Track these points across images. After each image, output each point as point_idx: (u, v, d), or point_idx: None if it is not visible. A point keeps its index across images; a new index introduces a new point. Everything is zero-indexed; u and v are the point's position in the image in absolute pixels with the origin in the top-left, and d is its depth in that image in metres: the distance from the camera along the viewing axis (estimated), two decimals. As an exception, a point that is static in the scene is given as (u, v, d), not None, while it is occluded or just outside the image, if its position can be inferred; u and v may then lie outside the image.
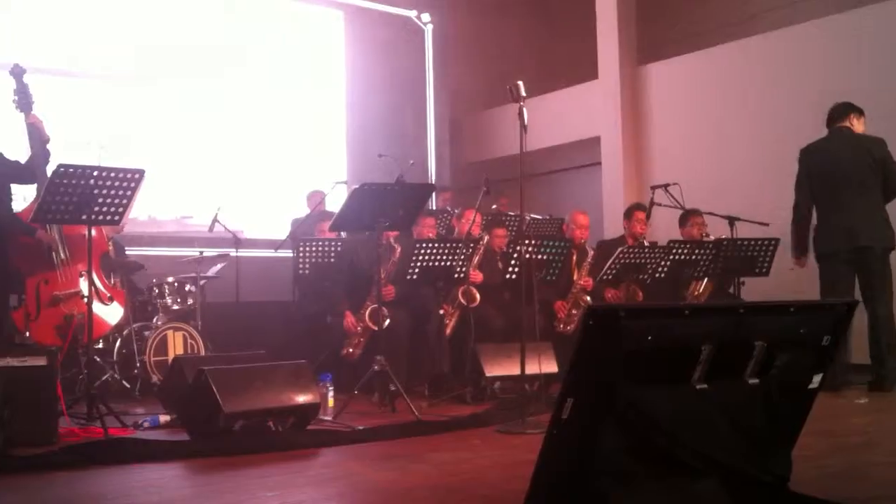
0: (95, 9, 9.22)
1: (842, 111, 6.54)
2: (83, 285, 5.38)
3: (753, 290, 7.25)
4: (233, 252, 8.00)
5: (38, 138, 5.41)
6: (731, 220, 7.35)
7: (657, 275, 7.16)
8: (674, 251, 7.16)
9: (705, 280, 7.42)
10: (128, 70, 9.34)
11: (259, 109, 10.26)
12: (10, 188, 5.54)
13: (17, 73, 5.47)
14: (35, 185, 5.54)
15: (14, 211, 5.56)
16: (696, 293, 7.48)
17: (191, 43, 9.77)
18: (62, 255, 5.46)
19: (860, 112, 6.56)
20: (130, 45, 9.37)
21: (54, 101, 8.44)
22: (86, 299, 5.25)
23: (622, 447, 2.66)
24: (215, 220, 8.16)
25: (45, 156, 5.44)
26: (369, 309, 6.43)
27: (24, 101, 5.44)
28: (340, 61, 11.12)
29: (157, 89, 9.50)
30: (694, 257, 7.17)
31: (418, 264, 6.31)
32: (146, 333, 6.78)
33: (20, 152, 5.55)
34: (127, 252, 7.51)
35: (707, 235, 7.51)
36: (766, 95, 8.93)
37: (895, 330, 6.28)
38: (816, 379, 2.99)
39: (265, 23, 10.49)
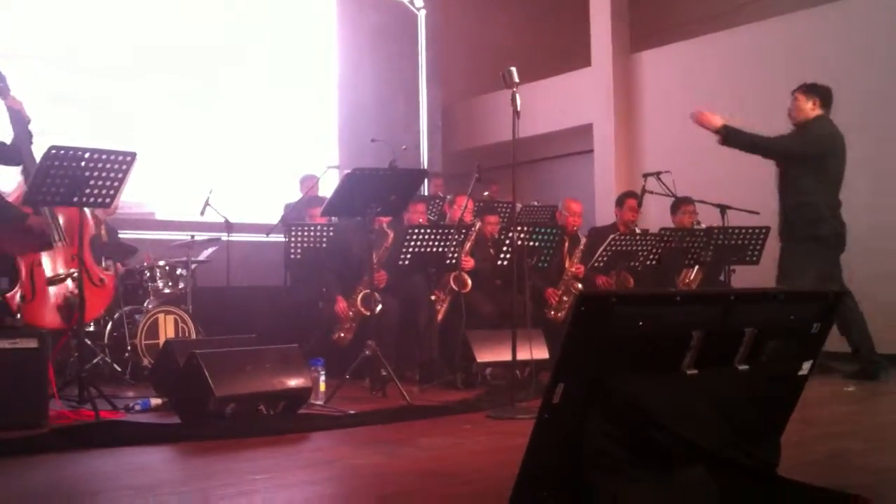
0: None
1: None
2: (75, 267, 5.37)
3: (744, 278, 7.27)
4: (224, 236, 7.98)
5: (19, 120, 5.36)
6: (723, 209, 7.37)
7: (648, 262, 7.19)
8: (665, 239, 7.19)
9: (696, 268, 7.45)
10: (123, 57, 9.27)
11: (251, 94, 10.22)
12: None
13: None
14: (20, 169, 5.49)
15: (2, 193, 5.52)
16: (687, 281, 7.50)
17: (182, 30, 9.72)
18: (56, 237, 5.44)
19: None
20: (126, 35, 9.30)
21: (48, 93, 8.44)
22: (70, 281, 5.25)
23: (611, 433, 2.67)
24: (207, 204, 8.15)
25: (28, 137, 5.39)
26: (361, 294, 6.43)
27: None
28: (333, 46, 11.09)
29: (151, 74, 9.45)
30: (685, 245, 7.21)
31: (410, 250, 6.32)
32: (137, 317, 6.77)
33: (2, 135, 5.51)
34: (119, 235, 7.48)
35: (698, 223, 7.54)
36: (759, 84, 8.94)
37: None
38: (806, 366, 3.00)
39: (257, 8, 10.44)
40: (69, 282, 5.39)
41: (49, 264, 5.42)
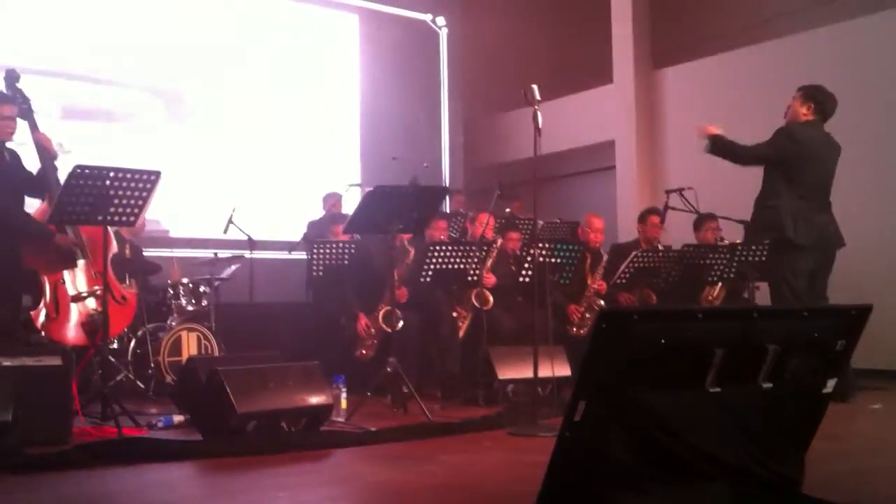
0: (106, 12, 9.26)
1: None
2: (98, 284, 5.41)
3: (768, 295, 7.20)
4: (247, 253, 8.02)
5: (46, 155, 5.40)
6: (746, 225, 7.32)
7: (671, 279, 7.14)
8: (688, 256, 7.14)
9: (719, 285, 7.39)
10: (144, 70, 9.36)
11: (274, 112, 10.29)
12: (23, 195, 5.55)
13: (11, 78, 5.38)
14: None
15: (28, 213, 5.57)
16: (711, 298, 7.45)
17: (205, 45, 9.81)
18: (80, 256, 5.48)
19: None
20: (145, 45, 9.40)
21: (67, 105, 8.52)
22: (90, 298, 5.30)
23: (633, 450, 2.66)
24: (230, 222, 8.20)
25: (55, 173, 5.40)
26: (382, 311, 6.43)
27: (21, 107, 5.35)
28: (355, 64, 11.16)
29: (173, 92, 9.53)
30: (708, 262, 7.15)
31: (431, 267, 6.32)
32: (160, 334, 6.80)
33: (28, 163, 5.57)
34: (143, 253, 7.53)
35: (722, 240, 7.49)
36: (781, 100, 8.86)
37: None
38: (830, 383, 2.98)
39: (280, 25, 10.52)
40: (92, 299, 5.43)
41: (72, 282, 5.46)
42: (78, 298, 5.42)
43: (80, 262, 5.48)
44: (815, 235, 6.06)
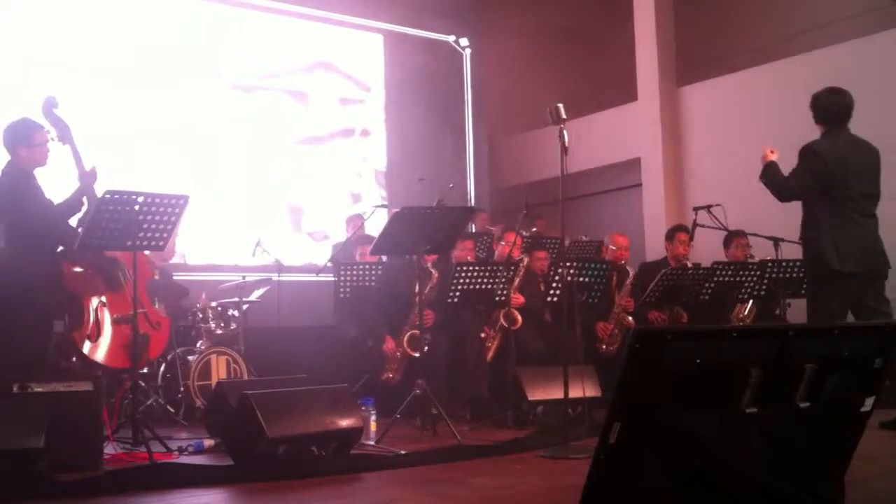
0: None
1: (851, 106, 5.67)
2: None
3: (799, 312, 7.12)
4: (275, 276, 8.04)
5: (90, 187, 5.39)
6: (776, 241, 7.26)
7: (701, 297, 7.08)
8: (718, 273, 7.08)
9: (750, 302, 7.32)
10: (164, 81, 9.43)
11: (298, 132, 10.34)
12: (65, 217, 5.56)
13: (49, 105, 5.40)
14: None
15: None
16: (742, 315, 7.38)
17: (225, 64, 9.88)
18: (122, 279, 5.51)
19: None
20: (163, 61, 9.49)
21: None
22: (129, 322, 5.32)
23: (669, 472, 2.62)
24: (257, 245, 8.23)
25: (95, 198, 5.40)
26: (407, 335, 6.41)
27: (62, 133, 5.40)
28: (379, 86, 11.20)
29: (192, 107, 9.59)
30: (738, 279, 7.09)
31: (459, 287, 6.29)
32: (190, 358, 6.81)
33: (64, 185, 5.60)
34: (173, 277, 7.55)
35: (752, 257, 7.43)
36: (806, 115, 8.81)
37: None
38: (868, 402, 2.93)
39: (304, 46, 10.59)
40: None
41: (113, 305, 5.48)
42: (119, 321, 5.43)
43: (124, 285, 5.51)
44: (861, 260, 5.46)
